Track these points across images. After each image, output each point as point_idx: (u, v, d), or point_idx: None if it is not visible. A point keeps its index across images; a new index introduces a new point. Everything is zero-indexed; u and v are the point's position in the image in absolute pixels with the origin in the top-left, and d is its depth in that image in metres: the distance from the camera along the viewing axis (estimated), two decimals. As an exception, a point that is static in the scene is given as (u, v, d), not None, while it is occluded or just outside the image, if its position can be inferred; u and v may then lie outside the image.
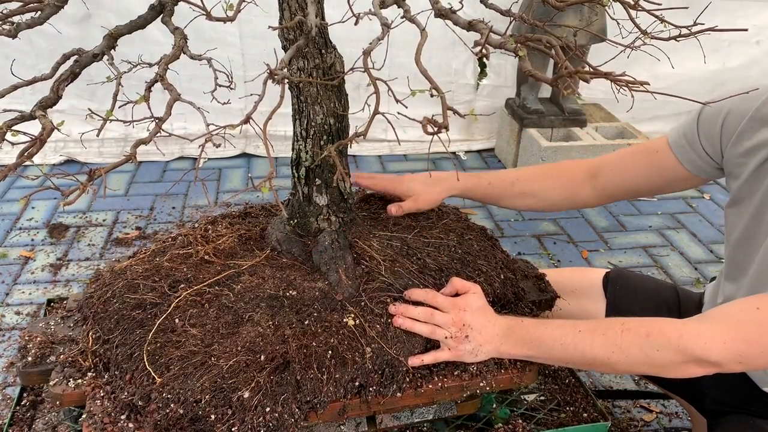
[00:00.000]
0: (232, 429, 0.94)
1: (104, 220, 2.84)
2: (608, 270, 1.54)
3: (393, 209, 1.35)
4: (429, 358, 1.09)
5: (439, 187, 1.39)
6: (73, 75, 0.80)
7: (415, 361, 1.09)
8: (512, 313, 1.23)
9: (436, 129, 0.65)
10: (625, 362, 1.02)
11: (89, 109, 0.83)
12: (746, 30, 0.86)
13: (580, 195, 1.42)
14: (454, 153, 3.58)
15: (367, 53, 0.68)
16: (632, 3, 0.81)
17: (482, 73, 0.96)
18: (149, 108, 0.74)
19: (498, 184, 1.44)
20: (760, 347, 0.94)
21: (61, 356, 1.11)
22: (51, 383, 1.06)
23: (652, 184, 1.35)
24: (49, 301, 1.43)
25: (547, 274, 1.40)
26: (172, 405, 0.95)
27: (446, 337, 1.09)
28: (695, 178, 1.29)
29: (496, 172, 1.48)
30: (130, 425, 0.98)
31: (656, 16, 0.83)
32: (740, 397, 1.26)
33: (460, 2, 0.87)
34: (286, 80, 0.70)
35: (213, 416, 0.95)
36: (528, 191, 1.43)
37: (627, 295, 1.46)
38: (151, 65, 0.83)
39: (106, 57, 0.80)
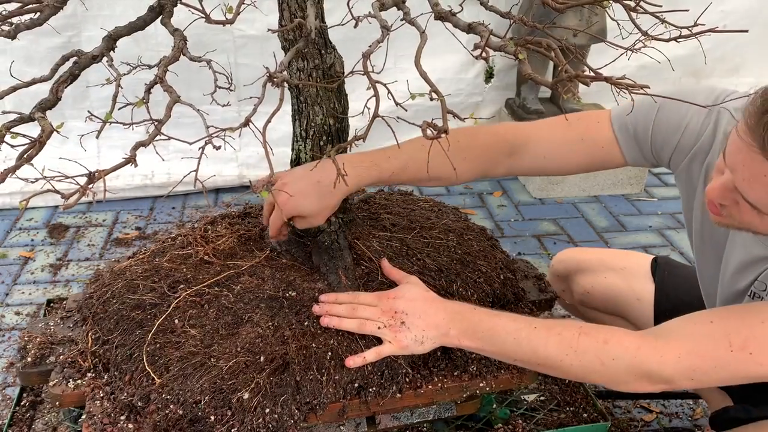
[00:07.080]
0: (232, 430, 0.94)
1: (104, 221, 2.84)
2: (655, 255, 1.52)
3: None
4: (371, 354, 1.03)
5: (334, 198, 1.11)
6: (72, 76, 0.79)
7: (355, 360, 1.02)
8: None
9: (435, 132, 0.65)
10: (578, 366, 0.98)
11: (89, 111, 0.83)
12: (746, 31, 0.86)
13: (493, 171, 1.26)
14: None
15: (366, 56, 0.68)
16: (632, 5, 0.81)
17: (488, 81, 0.96)
18: (148, 111, 0.73)
19: (414, 172, 1.14)
20: (714, 361, 0.93)
21: (61, 357, 1.11)
22: (51, 384, 1.06)
23: (581, 169, 1.26)
24: (49, 302, 1.44)
25: (594, 252, 1.37)
26: (171, 406, 0.96)
27: (379, 328, 1.04)
28: (627, 164, 1.21)
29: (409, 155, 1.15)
30: (130, 426, 0.98)
31: (657, 17, 0.83)
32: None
33: (460, 5, 0.87)
34: (285, 83, 0.70)
35: (212, 417, 0.95)
36: (444, 177, 1.18)
37: (676, 282, 1.42)
38: (150, 67, 0.82)
39: (105, 58, 0.80)
